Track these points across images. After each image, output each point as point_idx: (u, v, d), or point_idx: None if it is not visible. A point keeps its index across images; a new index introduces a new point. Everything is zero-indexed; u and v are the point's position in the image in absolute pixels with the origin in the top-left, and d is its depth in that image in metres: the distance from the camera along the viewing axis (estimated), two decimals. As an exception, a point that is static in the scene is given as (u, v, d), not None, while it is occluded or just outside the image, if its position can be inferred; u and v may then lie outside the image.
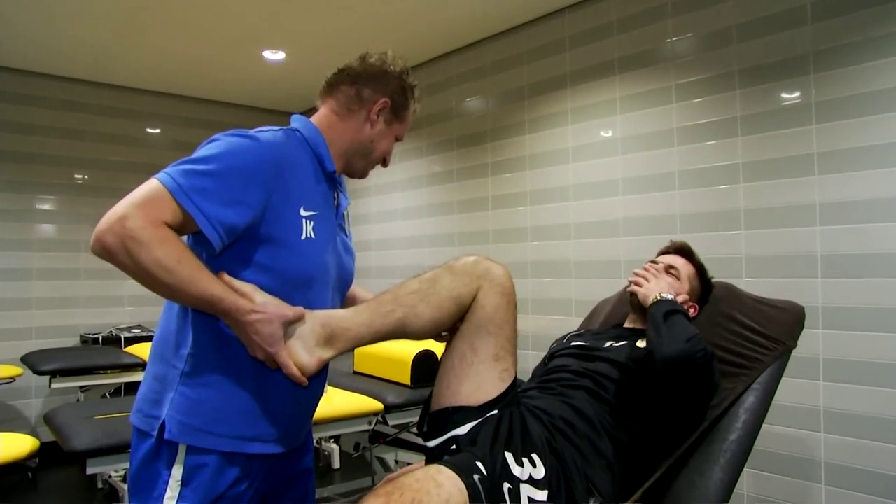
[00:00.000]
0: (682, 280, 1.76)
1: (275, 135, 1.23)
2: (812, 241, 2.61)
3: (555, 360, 1.67)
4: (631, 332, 1.72)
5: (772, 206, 2.73)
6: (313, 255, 1.23)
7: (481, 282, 1.29)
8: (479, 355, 1.29)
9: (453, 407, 1.29)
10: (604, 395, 1.46)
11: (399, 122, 1.39)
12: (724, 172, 2.89)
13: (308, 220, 1.22)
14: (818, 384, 2.56)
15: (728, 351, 1.73)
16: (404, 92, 1.39)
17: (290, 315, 1.16)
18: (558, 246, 3.58)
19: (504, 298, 1.31)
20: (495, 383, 1.29)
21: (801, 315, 1.78)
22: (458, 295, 1.27)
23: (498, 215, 3.92)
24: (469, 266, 1.30)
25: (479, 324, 1.29)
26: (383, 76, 1.36)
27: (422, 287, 1.27)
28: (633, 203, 3.24)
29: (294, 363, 1.17)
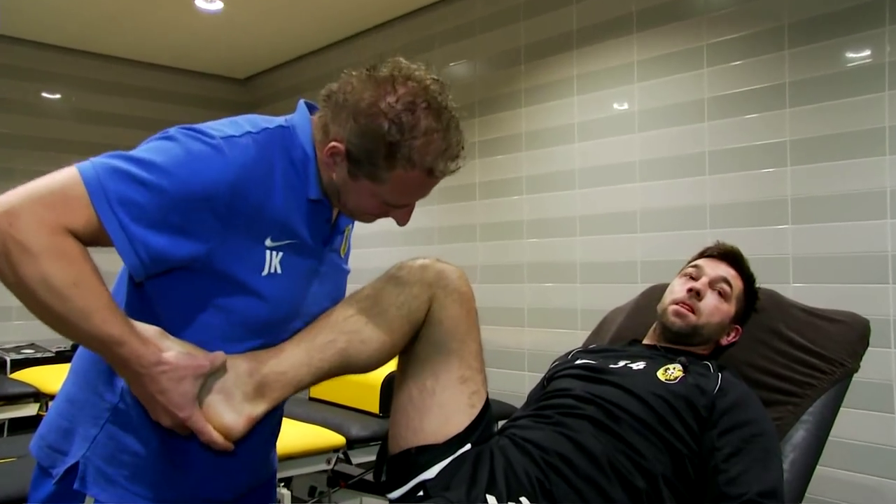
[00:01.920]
0: (731, 300, 1.74)
1: (254, 141, 1.16)
2: (881, 237, 2.58)
3: (554, 383, 1.67)
4: (654, 352, 1.71)
5: (828, 195, 2.71)
6: (275, 294, 1.20)
7: (434, 290, 1.30)
8: (442, 380, 1.31)
9: (416, 447, 1.30)
10: (615, 427, 1.44)
11: (373, 182, 1.17)
12: (768, 153, 2.87)
13: (275, 252, 1.19)
14: (892, 418, 2.53)
15: (772, 374, 1.72)
16: (380, 144, 1.13)
17: (207, 365, 1.12)
18: (561, 244, 3.55)
19: (463, 307, 1.33)
20: (464, 411, 1.31)
21: (866, 330, 1.77)
22: (409, 310, 1.28)
23: (487, 206, 3.90)
24: (416, 273, 1.31)
25: (437, 342, 1.31)
26: (344, 109, 1.15)
27: (363, 307, 1.27)
28: (653, 192, 3.22)
29: (215, 427, 1.14)
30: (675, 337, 1.73)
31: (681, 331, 1.71)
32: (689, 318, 1.70)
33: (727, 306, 1.73)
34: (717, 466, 1.42)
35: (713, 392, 1.50)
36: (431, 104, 1.14)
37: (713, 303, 1.71)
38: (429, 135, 1.13)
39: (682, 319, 1.71)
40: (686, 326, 1.70)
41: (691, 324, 1.70)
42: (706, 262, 1.79)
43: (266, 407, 1.19)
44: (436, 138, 1.14)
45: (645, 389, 1.51)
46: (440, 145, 1.15)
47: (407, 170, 1.14)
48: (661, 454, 1.43)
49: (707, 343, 1.74)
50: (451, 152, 1.17)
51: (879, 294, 2.57)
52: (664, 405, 1.47)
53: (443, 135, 1.15)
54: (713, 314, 1.71)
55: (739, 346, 1.77)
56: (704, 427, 1.47)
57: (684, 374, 1.54)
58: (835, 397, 1.66)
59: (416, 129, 1.12)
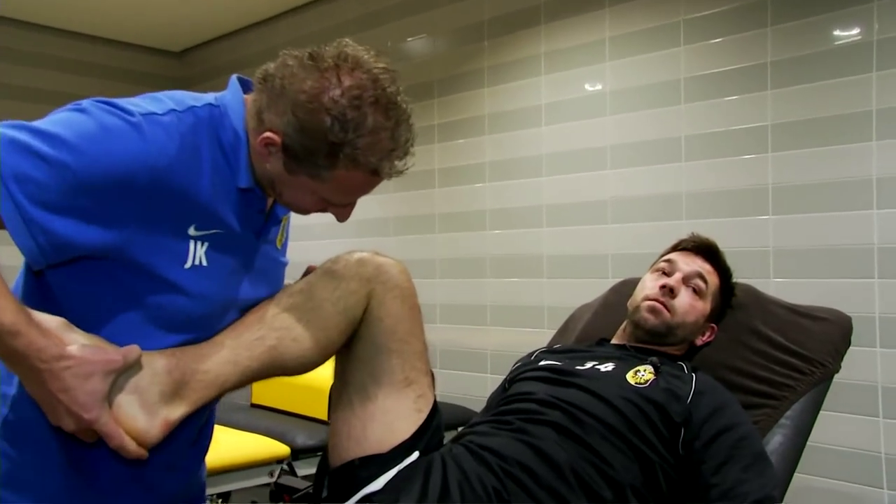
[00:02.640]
0: (706, 297, 1.76)
1: (179, 120, 1.13)
2: (867, 228, 2.61)
3: (516, 386, 1.68)
4: (623, 353, 1.72)
5: (811, 183, 2.73)
6: (200, 289, 1.18)
7: (372, 286, 1.30)
8: (384, 384, 1.31)
9: (360, 458, 1.30)
10: (580, 434, 1.44)
11: (312, 180, 1.15)
12: (748, 138, 2.89)
13: (199, 243, 1.17)
14: (877, 422, 2.56)
15: (748, 375, 1.72)
16: (321, 143, 1.10)
17: (119, 360, 1.08)
18: (527, 236, 3.54)
19: (405, 303, 1.33)
20: (410, 416, 1.32)
21: (848, 328, 1.79)
22: (345, 306, 1.28)
23: (447, 195, 3.88)
24: (353, 267, 1.31)
25: (377, 341, 1.31)
26: (282, 98, 1.11)
27: (295, 302, 1.26)
28: (625, 179, 3.22)
29: (126, 431, 1.09)
30: (647, 336, 1.73)
31: (654, 329, 1.72)
32: (664, 315, 1.71)
33: (702, 304, 1.74)
34: (707, 482, 1.43)
35: (687, 398, 1.50)
36: (380, 99, 1.11)
37: (688, 300, 1.73)
38: (376, 133, 1.11)
39: (657, 316, 1.71)
40: (660, 324, 1.71)
41: (666, 321, 1.71)
42: (680, 256, 1.79)
43: (186, 409, 1.16)
44: (383, 137, 1.12)
45: (613, 393, 1.51)
46: (388, 145, 1.13)
47: (350, 170, 1.13)
48: (629, 463, 1.43)
49: (681, 344, 1.75)
50: (399, 152, 1.15)
51: (865, 289, 2.60)
52: (634, 410, 1.48)
53: (391, 133, 1.13)
54: (688, 313, 1.72)
55: (714, 346, 1.78)
56: (678, 435, 1.48)
57: (656, 376, 1.55)
58: (814, 400, 1.66)
59: (362, 127, 1.10)
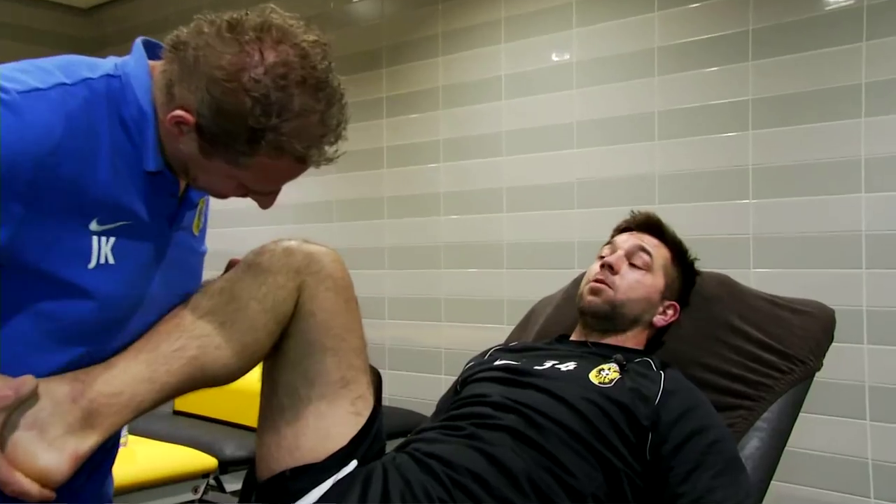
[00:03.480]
0: (655, 270, 1.79)
1: (69, 96, 1.09)
2: (854, 214, 2.63)
3: (468, 388, 1.69)
4: (584, 350, 1.74)
5: (795, 164, 2.76)
6: (108, 290, 1.16)
7: (302, 277, 1.30)
8: (318, 385, 1.31)
9: (291, 469, 1.29)
10: (538, 440, 1.45)
11: (231, 166, 1.14)
12: (727, 114, 2.91)
13: (104, 238, 1.14)
14: (863, 425, 2.59)
15: (723, 374, 1.74)
16: (241, 127, 1.08)
17: (10, 395, 1.05)
18: (486, 222, 3.54)
19: (340, 296, 1.33)
20: (347, 421, 1.32)
21: (830, 321, 1.81)
22: (273, 303, 1.27)
23: (397, 176, 3.87)
24: (280, 258, 1.30)
25: (309, 339, 1.31)
26: (195, 72, 1.09)
27: (216, 304, 1.25)
28: (593, 159, 3.23)
29: (27, 472, 1.06)
30: (595, 322, 1.77)
31: (599, 310, 1.75)
32: (607, 293, 1.74)
33: (651, 278, 1.78)
34: (674, 490, 1.45)
35: (655, 398, 1.52)
36: (308, 78, 1.09)
37: (632, 276, 1.77)
38: (303, 117, 1.09)
39: (598, 296, 1.75)
40: (603, 304, 1.74)
41: (609, 300, 1.74)
42: (621, 237, 1.86)
43: (98, 439, 1.13)
44: (312, 121, 1.10)
45: (575, 394, 1.53)
46: (317, 130, 1.11)
47: (273, 157, 1.11)
48: (592, 471, 1.45)
49: (636, 324, 1.77)
50: (330, 137, 1.14)
51: (851, 280, 2.63)
52: (598, 413, 1.49)
53: (321, 116, 1.11)
54: (633, 288, 1.75)
55: (686, 342, 1.80)
56: (645, 439, 1.49)
57: (621, 375, 1.57)
58: (794, 400, 1.68)
59: (288, 110, 1.08)
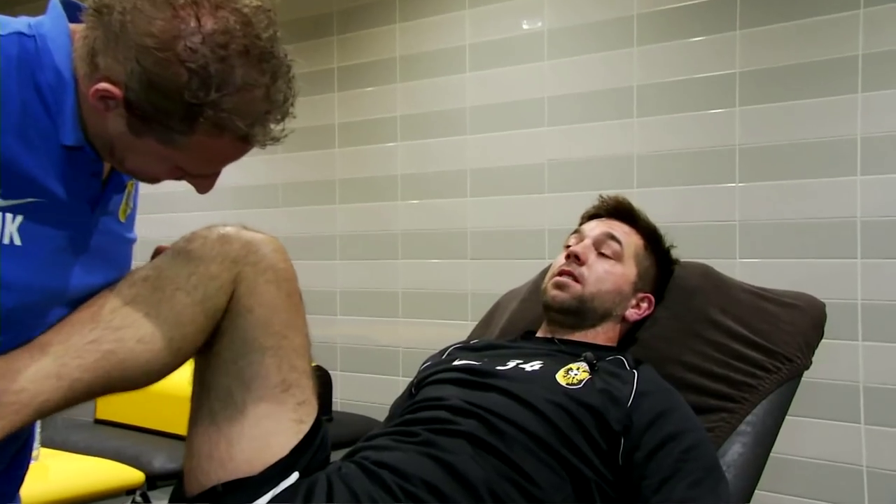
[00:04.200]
0: (626, 259, 1.81)
1: None
2: (849, 198, 2.66)
3: (424, 391, 1.70)
4: (551, 348, 1.76)
5: (785, 143, 2.78)
6: (12, 274, 1.15)
7: (239, 268, 1.29)
8: (255, 389, 1.29)
9: (224, 484, 1.28)
10: (500, 447, 1.46)
11: (165, 146, 1.13)
12: (713, 89, 2.92)
13: (10, 215, 1.13)
14: (858, 429, 2.62)
15: (703, 373, 1.75)
16: (176, 102, 1.08)
17: None
18: (448, 207, 3.55)
19: (281, 289, 1.33)
20: (289, 429, 1.31)
21: (821, 316, 1.83)
22: (205, 295, 1.26)
23: (350, 156, 3.86)
24: (214, 245, 1.29)
25: (246, 338, 1.30)
26: (122, 40, 1.07)
27: (140, 292, 1.23)
28: (567, 138, 3.23)
29: None
30: (561, 317, 1.78)
31: (565, 305, 1.76)
32: (573, 287, 1.76)
33: (621, 268, 1.80)
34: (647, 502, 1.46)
35: (628, 400, 1.54)
36: (251, 48, 1.08)
37: (601, 266, 1.78)
38: (246, 91, 1.08)
39: (564, 290, 1.76)
40: (570, 298, 1.75)
41: (576, 294, 1.75)
42: (588, 225, 1.88)
43: None
44: (256, 96, 1.10)
45: (540, 397, 1.53)
46: (261, 106, 1.11)
47: (213, 136, 1.10)
48: (559, 480, 1.46)
49: (606, 319, 1.79)
50: (275, 114, 1.13)
51: (845, 271, 2.65)
52: (565, 417, 1.50)
53: (265, 91, 1.10)
54: (603, 280, 1.77)
55: (663, 338, 1.82)
56: (617, 446, 1.50)
57: (591, 375, 1.58)
58: (780, 402, 1.69)
59: (229, 83, 1.07)
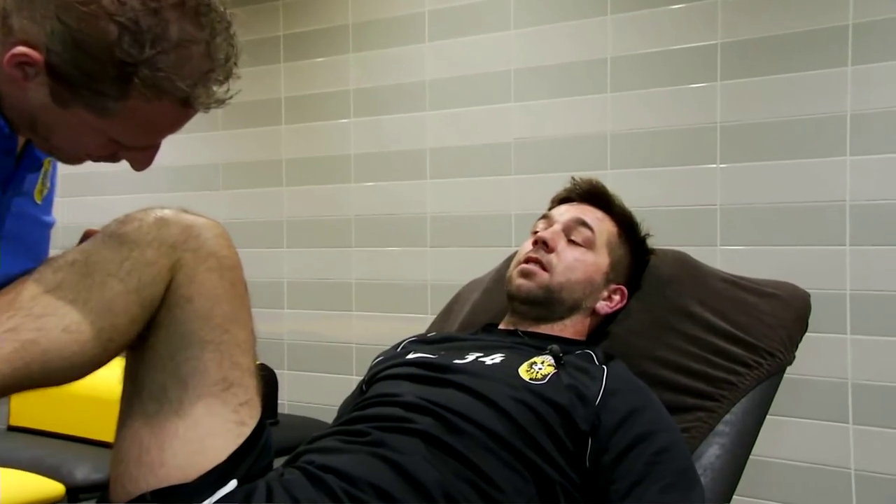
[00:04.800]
0: (598, 248, 1.83)
1: None
2: (838, 180, 2.68)
3: (376, 387, 1.70)
4: (514, 340, 1.77)
5: (770, 120, 2.80)
6: None
7: (178, 254, 1.29)
8: (193, 387, 1.28)
9: (153, 492, 1.26)
10: (457, 446, 1.46)
11: (95, 115, 1.13)
12: (693, 61, 2.93)
13: None
14: (846, 429, 2.65)
15: (679, 369, 1.77)
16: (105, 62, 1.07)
17: None
18: (406, 190, 3.55)
19: (224, 278, 1.33)
20: (228, 432, 1.30)
21: (803, 306, 1.85)
22: (139, 283, 1.25)
23: (298, 134, 3.85)
24: (150, 229, 1.28)
25: (184, 331, 1.29)
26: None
27: (66, 278, 1.22)
28: (535, 115, 3.24)
29: None
30: (527, 307, 1.80)
31: (531, 295, 1.78)
32: (540, 276, 1.77)
33: (593, 256, 1.82)
34: None
35: (596, 398, 1.55)
36: (187, 0, 1.09)
37: (571, 254, 1.80)
38: (184, 48, 1.09)
39: (530, 279, 1.78)
40: (537, 288, 1.77)
41: (544, 283, 1.77)
42: (558, 209, 1.89)
43: None
44: (195, 53, 1.10)
45: (502, 393, 1.54)
46: (202, 64, 1.11)
47: (150, 100, 1.10)
48: (522, 482, 1.47)
49: (575, 311, 1.81)
50: (218, 73, 1.14)
51: (833, 259, 2.66)
52: (528, 414, 1.51)
53: (206, 48, 1.11)
54: (573, 268, 1.79)
55: (636, 333, 1.83)
56: (584, 446, 1.52)
57: (557, 369, 1.59)
58: (761, 400, 1.70)
59: (165, 39, 1.07)
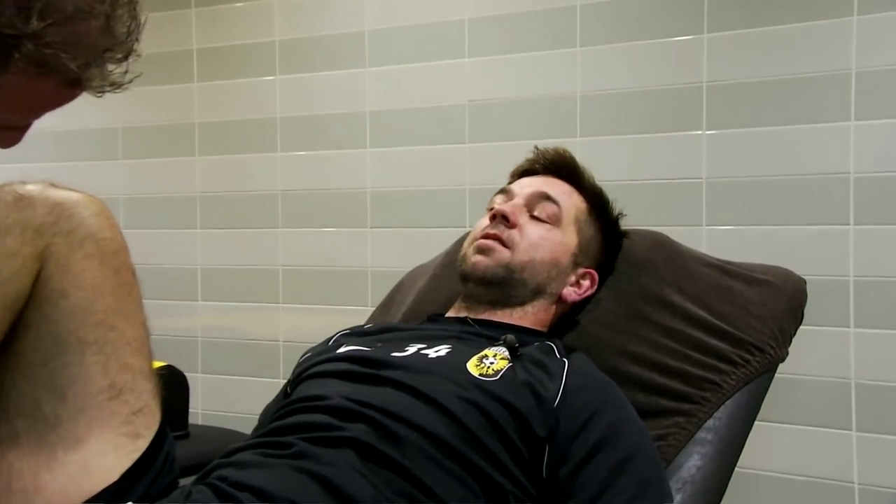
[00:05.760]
0: (565, 225, 1.86)
1: None
2: (840, 149, 2.72)
3: (302, 388, 1.69)
4: (464, 329, 1.78)
5: (763, 80, 2.82)
6: None
7: (46, 240, 1.29)
8: (73, 398, 1.28)
9: None
10: (394, 455, 1.46)
11: None
12: (675, 10, 2.96)
13: None
14: (849, 437, 2.69)
15: (655, 367, 1.78)
16: None
17: None
18: (342, 161, 3.55)
19: (107, 265, 1.33)
20: (119, 447, 1.30)
21: (797, 295, 1.88)
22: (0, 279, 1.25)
23: (213, 93, 3.85)
24: (9, 211, 1.28)
25: (58, 331, 1.29)
26: None
27: None
28: (492, 72, 3.25)
29: None
30: (482, 290, 1.81)
31: (489, 274, 1.79)
32: (500, 253, 1.79)
33: (559, 234, 1.84)
34: None
35: (555, 398, 1.56)
36: None
37: (534, 231, 1.82)
38: (79, 22, 1.09)
39: (489, 255, 1.79)
40: (496, 266, 1.78)
41: (503, 261, 1.78)
42: (519, 183, 1.94)
43: None
44: (91, 28, 1.11)
45: (447, 391, 1.54)
46: (98, 41, 1.12)
47: (32, 77, 1.11)
48: (470, 495, 1.47)
49: (538, 297, 1.83)
50: (116, 52, 1.15)
51: (835, 241, 2.68)
52: (478, 417, 1.51)
53: (104, 22, 1.12)
54: (537, 246, 1.80)
55: (605, 325, 1.85)
56: (542, 454, 1.53)
57: (511, 363, 1.60)
58: (748, 403, 1.71)
59: (56, 9, 1.07)
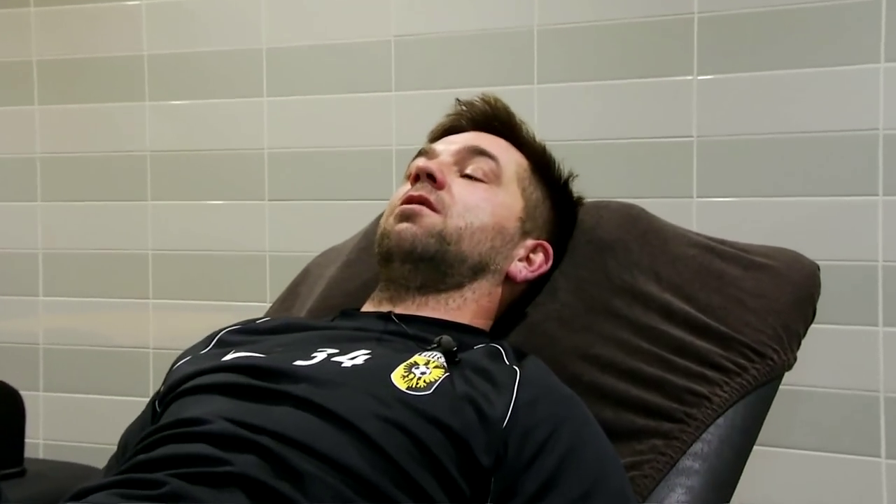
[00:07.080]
0: (506, 183, 1.92)
1: None
2: (865, 99, 2.79)
3: (176, 407, 1.70)
4: (386, 329, 1.81)
5: (765, 7, 2.88)
6: None
7: None
8: None
9: None
10: (292, 496, 1.44)
11: None
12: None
13: None
14: (878, 465, 2.76)
15: (628, 376, 1.81)
16: None
17: None
18: (231, 112, 3.68)
19: None
20: None
21: (810, 284, 1.92)
22: None
23: (58, 20, 3.94)
24: None
25: None
26: None
27: None
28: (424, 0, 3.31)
29: None
30: (410, 271, 1.85)
31: (417, 246, 1.82)
32: (430, 218, 1.82)
33: (501, 193, 1.90)
34: None
35: (503, 418, 1.55)
36: None
37: (470, 191, 1.87)
38: None
39: (416, 222, 1.82)
40: (425, 235, 1.81)
41: (435, 229, 1.81)
42: (444, 140, 2.01)
43: None
44: None
45: (364, 410, 1.54)
46: None
47: None
48: None
49: (480, 275, 1.87)
50: None
51: (860, 216, 2.73)
52: (404, 442, 1.51)
53: None
54: (474, 208, 1.85)
55: (563, 322, 1.88)
56: (486, 488, 1.53)
57: (448, 372, 1.59)
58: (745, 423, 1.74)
59: None
